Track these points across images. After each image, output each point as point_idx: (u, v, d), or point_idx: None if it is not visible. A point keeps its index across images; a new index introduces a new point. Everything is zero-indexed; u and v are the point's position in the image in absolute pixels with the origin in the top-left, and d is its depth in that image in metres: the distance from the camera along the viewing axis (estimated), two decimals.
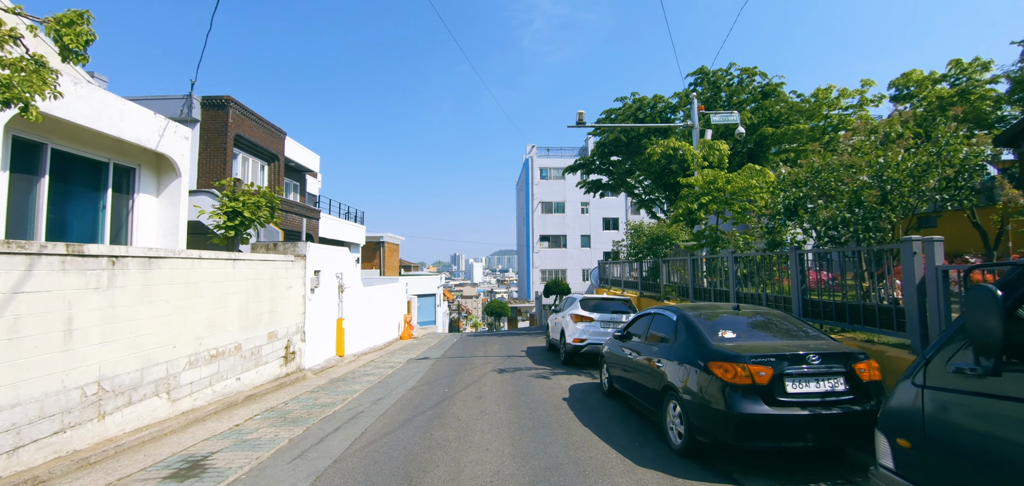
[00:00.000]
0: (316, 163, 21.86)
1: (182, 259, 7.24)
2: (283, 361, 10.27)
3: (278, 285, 10.17)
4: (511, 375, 10.08)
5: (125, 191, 10.38)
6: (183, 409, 7.13)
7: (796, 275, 7.06)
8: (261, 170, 17.18)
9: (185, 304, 7.28)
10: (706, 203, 9.46)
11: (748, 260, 8.71)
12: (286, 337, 10.43)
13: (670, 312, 5.93)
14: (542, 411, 7.01)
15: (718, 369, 4.46)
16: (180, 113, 14.26)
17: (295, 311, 10.95)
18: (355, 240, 23.31)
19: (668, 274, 12.68)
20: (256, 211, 9.78)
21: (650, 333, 6.34)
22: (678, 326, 5.53)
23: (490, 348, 15.29)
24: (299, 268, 11.23)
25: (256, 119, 16.10)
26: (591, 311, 11.33)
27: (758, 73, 20.62)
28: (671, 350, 5.42)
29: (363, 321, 15.63)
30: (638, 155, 21.38)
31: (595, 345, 10.91)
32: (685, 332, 5.29)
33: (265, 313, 9.58)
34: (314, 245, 11.95)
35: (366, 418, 6.84)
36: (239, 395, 8.33)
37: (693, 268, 10.67)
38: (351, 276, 14.41)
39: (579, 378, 9.73)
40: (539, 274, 44.49)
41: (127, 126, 9.44)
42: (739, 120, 11.69)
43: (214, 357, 7.92)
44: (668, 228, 12.83)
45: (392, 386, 9.32)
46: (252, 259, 9.11)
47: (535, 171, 45.51)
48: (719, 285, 9.63)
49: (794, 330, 5.21)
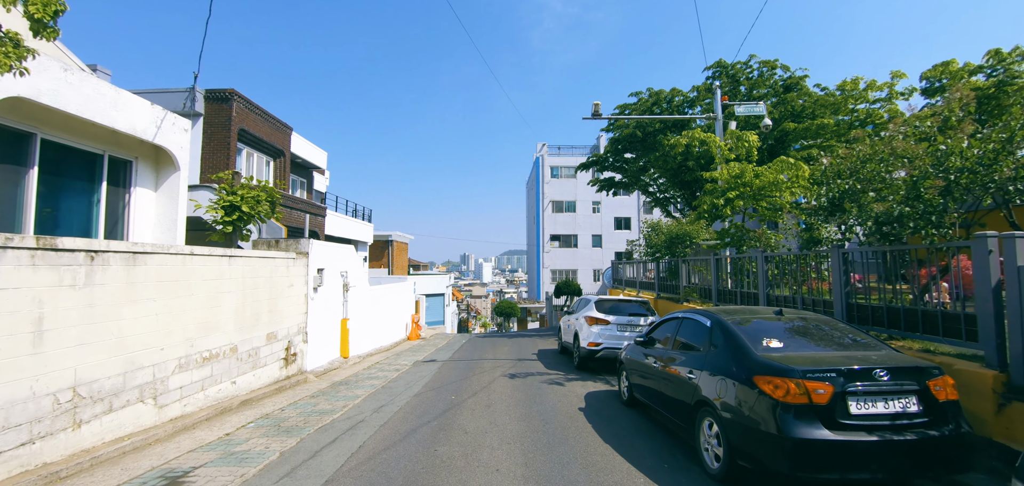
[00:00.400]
0: (323, 160, 21.48)
1: (171, 255, 6.77)
2: (283, 363, 9.80)
3: (278, 284, 9.70)
4: (522, 381, 9.49)
5: (121, 185, 9.99)
6: (171, 416, 6.66)
7: (838, 276, 6.37)
8: (266, 166, 16.80)
9: (175, 303, 6.80)
10: (733, 199, 8.80)
11: (780, 260, 8.04)
12: (286, 338, 9.96)
13: (702, 316, 5.31)
14: (557, 423, 6.41)
15: (766, 384, 3.83)
16: (183, 107, 13.90)
17: (296, 311, 10.48)
18: (363, 238, 22.89)
19: (688, 275, 12.00)
20: (255, 206, 9.32)
21: (677, 340, 5.71)
22: (713, 332, 4.90)
23: (499, 350, 14.73)
24: (301, 266, 10.76)
25: (261, 113, 15.72)
26: (607, 313, 10.71)
27: (779, 66, 19.79)
28: (705, 360, 4.79)
29: (369, 321, 15.15)
30: (653, 152, 20.66)
31: (611, 350, 10.29)
32: (722, 340, 4.66)
33: (264, 313, 9.11)
34: (317, 242, 11.48)
35: (365, 429, 6.30)
36: (234, 400, 7.85)
37: (716, 268, 9.99)
38: (356, 275, 13.94)
39: (595, 385, 9.11)
40: (549, 274, 43.85)
41: (121, 116, 9.03)
42: (765, 111, 10.99)
43: (207, 360, 7.44)
44: (688, 226, 12.15)
45: (396, 391, 8.78)
46: (249, 256, 8.64)
47: (546, 170, 44.86)
48: (746, 287, 8.95)
49: (847, 339, 4.56)
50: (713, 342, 4.83)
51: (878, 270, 6.14)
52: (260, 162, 16.33)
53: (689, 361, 5.13)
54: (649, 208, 44.70)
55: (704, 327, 5.14)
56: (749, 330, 4.62)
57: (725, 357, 4.49)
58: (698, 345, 5.16)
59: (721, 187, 9.16)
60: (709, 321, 5.09)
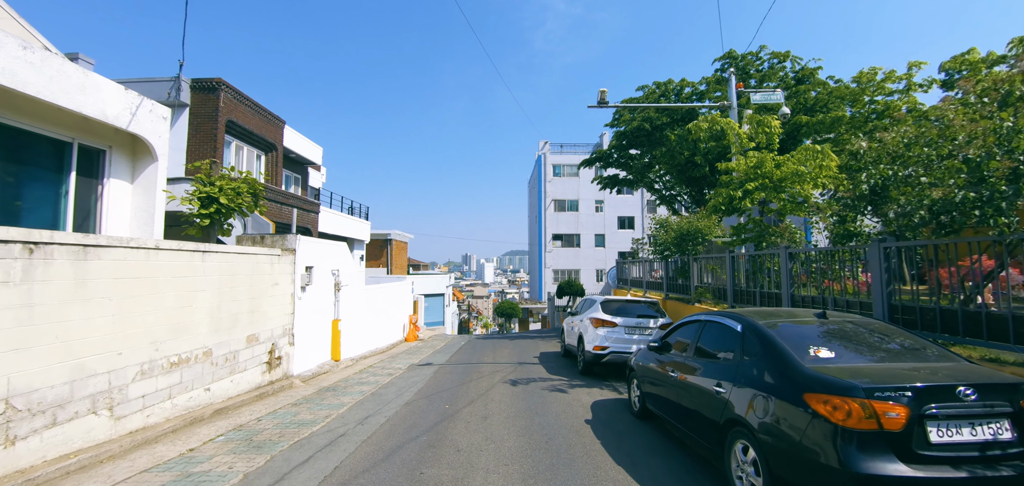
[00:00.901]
0: (318, 155, 20.81)
1: (132, 249, 6.08)
2: (266, 367, 9.11)
3: (261, 282, 9.02)
4: (523, 388, 8.79)
5: (94, 176, 9.31)
6: (131, 428, 5.97)
7: (879, 273, 5.65)
8: (257, 160, 16.13)
9: (137, 302, 6.12)
10: (752, 190, 8.08)
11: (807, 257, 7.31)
12: (270, 340, 9.27)
13: (730, 319, 4.59)
14: (561, 439, 5.70)
15: (821, 404, 3.12)
16: (167, 97, 13.23)
17: (282, 311, 9.80)
18: (359, 237, 22.21)
19: (700, 274, 11.27)
20: (235, 198, 8.63)
21: (699, 346, 5.00)
22: (746, 339, 4.18)
23: (499, 353, 14.02)
24: (287, 263, 10.08)
25: (251, 105, 15.05)
26: (613, 315, 9.99)
27: (791, 57, 19.06)
28: (737, 371, 4.07)
29: (363, 322, 14.46)
30: (660, 147, 19.94)
31: (618, 354, 9.58)
32: (759, 347, 3.94)
33: (244, 313, 8.43)
34: (305, 238, 10.80)
35: (346, 444, 5.60)
36: (207, 408, 7.16)
37: (732, 267, 9.27)
38: (349, 273, 13.25)
39: (602, 392, 8.40)
40: (551, 274, 43.11)
41: (90, 101, 8.35)
42: (782, 98, 10.28)
43: (175, 365, 6.76)
44: (699, 222, 11.44)
45: (386, 399, 8.09)
46: (227, 252, 7.95)
47: (548, 168, 44.13)
48: (767, 287, 8.23)
49: (907, 347, 3.84)
50: (746, 350, 4.11)
51: (917, 266, 5.41)
52: (250, 156, 15.66)
53: (715, 371, 4.41)
54: (653, 207, 43.92)
55: (733, 332, 4.42)
56: (791, 336, 3.90)
57: (763, 368, 3.78)
58: (726, 353, 4.44)
59: (738, 178, 8.45)
60: (740, 325, 4.37)
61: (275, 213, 14.14)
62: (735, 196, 8.24)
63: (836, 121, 16.41)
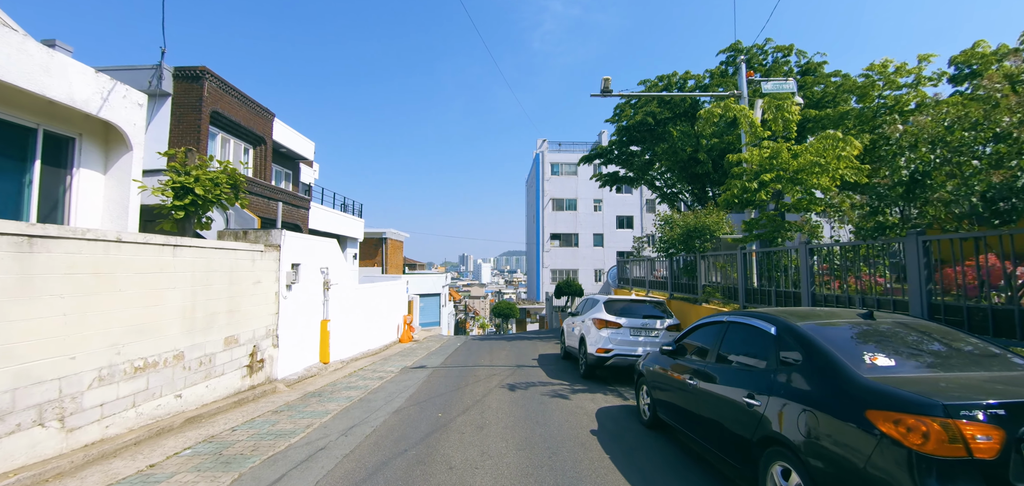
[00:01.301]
0: (310, 150, 20.19)
1: (88, 241, 5.47)
2: (247, 371, 8.51)
3: (241, 280, 8.41)
4: (522, 393, 8.21)
5: (62, 165, 8.69)
6: (86, 440, 5.36)
7: (917, 268, 5.11)
8: (245, 153, 15.50)
9: (94, 300, 5.51)
10: (768, 181, 7.54)
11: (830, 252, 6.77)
12: (251, 342, 8.67)
13: (761, 320, 4.02)
14: (566, 453, 5.13)
15: (891, 425, 2.56)
16: (148, 85, 12.61)
17: (265, 311, 9.19)
18: (352, 234, 21.59)
19: (706, 272, 10.73)
20: (213, 189, 8.02)
21: (722, 351, 4.43)
22: (782, 343, 3.62)
23: (496, 355, 13.44)
24: (271, 260, 9.47)
25: (238, 96, 14.42)
26: (618, 315, 9.43)
27: (795, 51, 18.58)
28: (773, 380, 3.51)
29: (355, 323, 13.86)
30: (662, 143, 19.41)
31: (623, 357, 9.02)
32: (801, 353, 3.38)
33: (221, 313, 7.82)
34: (291, 233, 10.19)
35: (324, 461, 5.01)
36: (178, 417, 6.56)
37: (743, 264, 8.73)
38: (340, 271, 12.64)
39: (606, 398, 7.84)
40: (549, 274, 42.55)
41: (55, 83, 7.74)
42: (795, 87, 9.76)
43: (141, 370, 6.15)
44: (706, 218, 10.91)
45: (374, 406, 7.50)
46: (202, 247, 7.34)
47: (546, 166, 43.57)
48: (783, 285, 7.68)
49: (978, 352, 3.29)
50: (783, 356, 3.55)
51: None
52: (237, 149, 15.03)
53: (744, 380, 3.85)
54: (652, 206, 43.44)
55: (765, 335, 3.86)
56: (838, 340, 3.34)
57: (808, 378, 3.22)
58: (757, 359, 3.88)
59: (752, 169, 7.90)
60: (773, 327, 3.81)
61: (262, 208, 13.53)
62: (750, 188, 7.70)
63: (844, 116, 15.91)
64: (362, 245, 29.79)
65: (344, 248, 21.91)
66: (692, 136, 18.74)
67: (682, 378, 4.97)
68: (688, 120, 18.75)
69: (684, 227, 11.20)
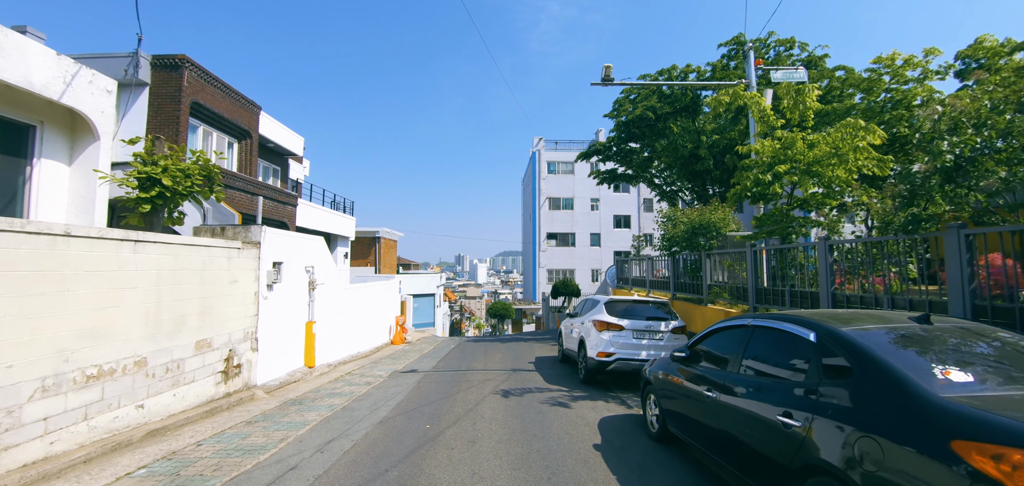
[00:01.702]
0: (300, 146, 19.54)
1: (28, 234, 4.86)
2: (221, 378, 7.89)
3: (215, 279, 7.80)
4: (517, 401, 7.64)
5: (21, 154, 8.07)
6: (25, 460, 4.74)
7: (959, 265, 4.59)
8: (229, 148, 14.85)
9: (37, 303, 4.90)
10: (784, 173, 7.01)
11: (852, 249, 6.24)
12: (226, 346, 8.05)
13: (797, 325, 3.47)
14: (567, 472, 4.57)
15: (986, 459, 2.01)
16: (124, 74, 11.94)
17: (243, 312, 8.58)
18: (343, 233, 20.94)
19: (712, 271, 10.19)
20: (183, 181, 7.40)
21: (746, 361, 3.88)
22: (826, 352, 3.07)
23: (491, 358, 12.86)
24: (250, 258, 8.85)
25: (221, 87, 13.78)
26: (620, 317, 8.88)
27: (797, 45, 18.12)
28: (817, 397, 2.96)
29: (344, 324, 13.24)
30: (662, 139, 18.90)
31: (626, 361, 8.47)
32: (854, 366, 2.83)
33: (192, 315, 7.21)
34: (273, 230, 9.58)
35: (293, 484, 4.42)
36: (139, 430, 5.94)
37: (754, 262, 8.19)
38: (326, 270, 12.03)
39: (609, 407, 7.28)
40: (545, 274, 42.00)
41: (10, 65, 7.12)
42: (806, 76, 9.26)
43: (94, 378, 5.53)
44: (712, 214, 10.40)
45: (357, 416, 6.90)
46: (168, 242, 6.73)
47: (542, 165, 43.02)
48: (800, 284, 7.15)
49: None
50: (828, 368, 3.00)
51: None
52: (221, 142, 14.38)
53: (778, 395, 3.30)
54: (650, 205, 42.99)
55: (803, 343, 3.31)
56: (899, 350, 2.79)
57: (865, 396, 2.67)
58: (793, 371, 3.33)
59: (765, 160, 7.37)
60: (813, 332, 3.26)
61: (245, 204, 12.89)
62: (763, 180, 7.17)
63: (849, 110, 15.44)
64: (355, 245, 29.13)
65: (335, 247, 21.26)
66: (693, 132, 18.25)
67: (698, 389, 4.42)
68: (689, 115, 18.26)
69: (688, 224, 10.67)
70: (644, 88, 16.68)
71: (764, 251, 8.34)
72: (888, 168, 6.74)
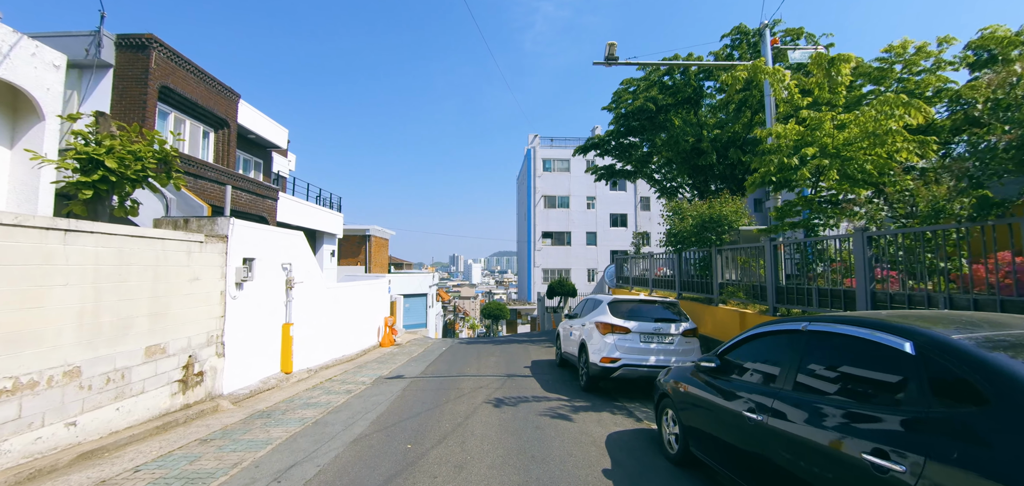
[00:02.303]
0: (283, 138, 18.60)
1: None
2: (179, 387, 7.00)
3: (171, 276, 6.90)
4: (513, 413, 6.81)
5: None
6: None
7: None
8: (204, 137, 13.90)
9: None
10: (812, 156, 6.23)
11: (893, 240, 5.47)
12: (185, 352, 7.16)
13: (883, 332, 2.65)
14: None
15: None
16: (85, 54, 10.99)
17: (206, 314, 7.69)
18: (330, 230, 20.02)
19: (722, 269, 9.41)
20: (133, 163, 6.50)
21: (802, 377, 3.08)
22: (932, 368, 2.28)
23: (485, 362, 12.02)
24: (215, 253, 7.96)
25: (195, 71, 12.84)
26: (625, 318, 8.07)
27: (804, 34, 17.43)
28: (928, 432, 2.15)
29: (327, 326, 12.36)
30: (662, 132, 18.16)
31: (633, 368, 7.66)
32: (992, 390, 2.02)
33: (141, 317, 6.32)
34: (243, 223, 8.69)
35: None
36: (68, 452, 5.06)
37: (774, 258, 7.40)
38: (306, 268, 11.14)
39: (616, 420, 6.47)
40: (540, 273, 41.18)
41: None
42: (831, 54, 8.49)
43: (8, 392, 4.64)
44: (723, 207, 9.62)
45: (330, 432, 6.04)
46: (108, 232, 5.83)
47: (537, 162, 42.20)
48: (829, 282, 6.37)
49: None
50: (939, 391, 2.20)
51: None
52: (195, 131, 13.43)
53: (862, 427, 2.48)
54: (647, 204, 42.29)
55: (892, 354, 2.51)
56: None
57: (1012, 433, 1.85)
58: (881, 392, 2.52)
59: (790, 142, 6.59)
60: (909, 342, 2.45)
61: (219, 196, 11.95)
62: (788, 164, 6.39)
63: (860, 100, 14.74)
64: (344, 243, 28.18)
65: (321, 244, 20.33)
66: (695, 125, 17.52)
67: (734, 408, 3.61)
68: (691, 107, 17.52)
69: (698, 218, 9.88)
70: (650, 67, 15.74)
71: (782, 246, 7.58)
72: (932, 151, 6.02)
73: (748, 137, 16.58)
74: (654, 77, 17.58)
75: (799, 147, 6.45)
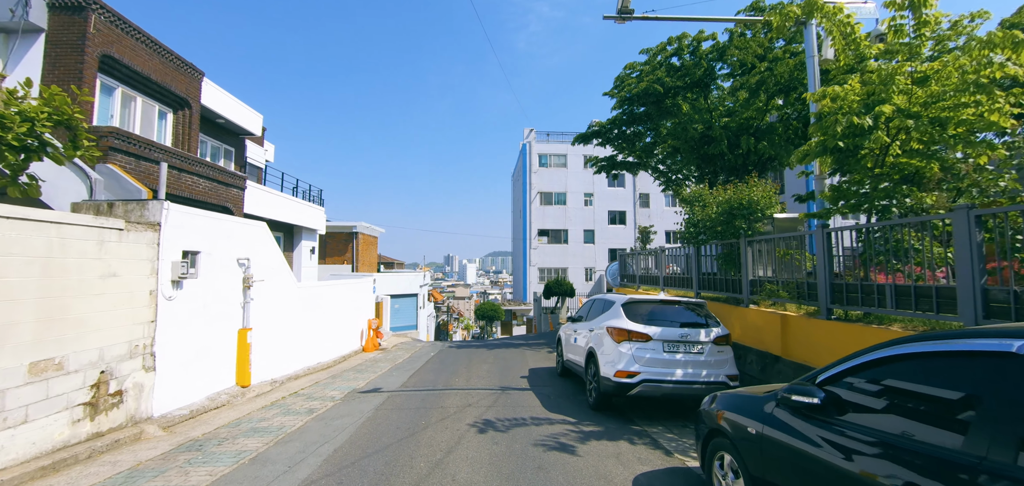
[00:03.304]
0: (257, 124, 17.04)
1: None
2: (85, 412, 5.51)
3: (73, 271, 5.42)
4: (507, 444, 5.38)
5: None
6: None
7: None
8: (161, 118, 12.36)
9: None
10: (891, 114, 4.88)
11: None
12: (95, 366, 5.67)
13: None
14: None
15: None
16: (11, 16, 9.44)
17: (128, 318, 6.21)
18: (309, 224, 18.47)
19: (753, 263, 8.02)
20: (19, 128, 5.01)
21: (1006, 431, 1.66)
22: None
23: (475, 370, 10.57)
24: (140, 244, 6.48)
25: (148, 41, 11.30)
26: (644, 323, 6.65)
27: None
28: None
29: (297, 330, 10.88)
30: (669, 117, 16.79)
31: (656, 384, 6.25)
32: None
33: (23, 324, 4.84)
34: (181, 208, 7.22)
35: None
36: None
37: (827, 248, 6.00)
38: (269, 264, 9.65)
39: (637, 451, 5.06)
40: (537, 273, 39.74)
41: None
42: (876, 7, 7.18)
43: None
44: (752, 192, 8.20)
45: (266, 477, 4.58)
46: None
47: (533, 157, 40.75)
48: (911, 276, 4.98)
49: None
50: None
51: None
52: (148, 110, 11.88)
53: None
54: (646, 200, 40.99)
55: None
56: None
57: None
58: None
59: (857, 100, 5.22)
60: None
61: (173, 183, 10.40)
62: (860, 125, 5.02)
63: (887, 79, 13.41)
64: (329, 240, 26.63)
65: (299, 241, 18.80)
66: (704, 111, 16.18)
67: (860, 473, 2.20)
68: (701, 90, 16.16)
69: (724, 204, 8.47)
70: (669, 20, 14.22)
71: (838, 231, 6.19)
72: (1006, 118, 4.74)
73: (761, 126, 15.25)
74: (663, 58, 16.20)
75: (872, 104, 5.12)
